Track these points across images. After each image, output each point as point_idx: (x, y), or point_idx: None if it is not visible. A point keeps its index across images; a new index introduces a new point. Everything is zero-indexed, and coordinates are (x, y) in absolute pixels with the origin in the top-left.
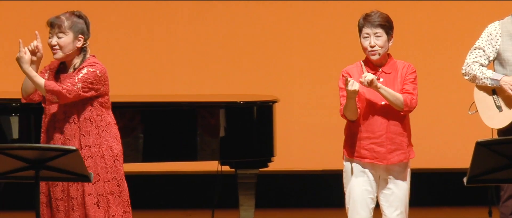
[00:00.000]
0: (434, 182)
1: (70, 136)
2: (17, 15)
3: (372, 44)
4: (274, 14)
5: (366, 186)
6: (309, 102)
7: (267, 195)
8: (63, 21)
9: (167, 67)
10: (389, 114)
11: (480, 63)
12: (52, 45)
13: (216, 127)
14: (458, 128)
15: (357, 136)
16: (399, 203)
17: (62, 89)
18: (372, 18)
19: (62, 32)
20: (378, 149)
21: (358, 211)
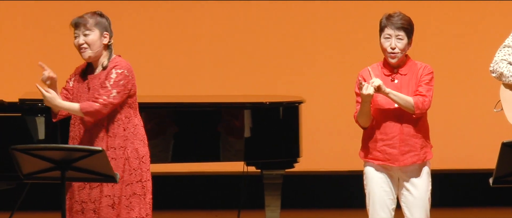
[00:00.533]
0: (459, 183)
1: (98, 137)
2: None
3: (393, 46)
4: (300, 15)
5: (384, 187)
6: (335, 102)
7: (293, 196)
8: (88, 19)
9: (191, 67)
10: (402, 116)
11: (508, 61)
12: (80, 44)
13: (242, 127)
14: (483, 129)
15: (372, 138)
16: (419, 205)
17: (98, 106)
18: (395, 19)
19: (89, 30)
20: (390, 151)
21: (378, 212)
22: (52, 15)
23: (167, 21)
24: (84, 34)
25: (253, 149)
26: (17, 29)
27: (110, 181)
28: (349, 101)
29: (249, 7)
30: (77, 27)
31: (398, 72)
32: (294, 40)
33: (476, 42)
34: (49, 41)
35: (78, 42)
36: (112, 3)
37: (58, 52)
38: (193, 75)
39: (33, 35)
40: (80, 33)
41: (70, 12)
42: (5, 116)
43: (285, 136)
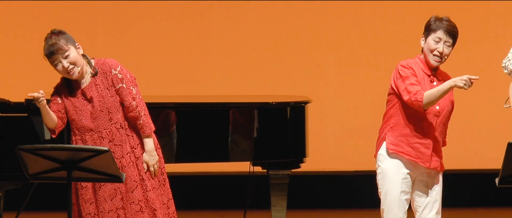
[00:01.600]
0: (467, 183)
1: (121, 141)
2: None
3: (441, 50)
4: (308, 16)
5: (404, 187)
6: (341, 103)
7: (299, 196)
8: (59, 43)
9: (200, 68)
10: (439, 121)
11: None
12: (65, 68)
13: (249, 127)
14: (490, 130)
15: (406, 134)
16: (434, 205)
17: (142, 116)
18: (448, 24)
19: (66, 51)
20: (424, 150)
21: (396, 212)
22: (58, 18)
23: (176, 24)
24: (64, 57)
25: (260, 149)
26: (23, 31)
27: (116, 181)
28: (355, 101)
29: (258, 10)
30: (54, 54)
31: (435, 75)
32: (301, 41)
33: (482, 41)
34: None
35: (63, 67)
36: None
37: None
38: (201, 75)
39: (39, 37)
40: (60, 58)
41: (77, 14)
42: (12, 116)
43: (292, 136)
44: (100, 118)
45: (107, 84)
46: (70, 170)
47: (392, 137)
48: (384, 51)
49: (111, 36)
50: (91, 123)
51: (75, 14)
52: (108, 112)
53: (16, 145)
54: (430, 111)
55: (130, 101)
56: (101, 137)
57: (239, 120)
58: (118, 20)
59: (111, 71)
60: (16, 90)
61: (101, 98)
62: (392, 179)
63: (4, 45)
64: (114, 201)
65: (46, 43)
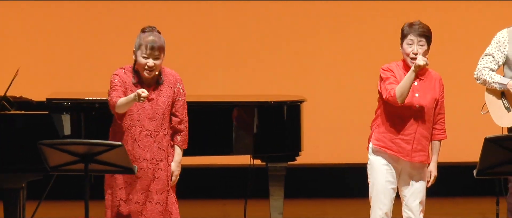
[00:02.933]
0: (448, 174)
1: (164, 146)
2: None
3: (415, 51)
4: (303, 21)
5: (388, 177)
6: (334, 101)
7: (295, 187)
8: (163, 46)
9: (203, 69)
10: (420, 118)
11: (490, 68)
12: (149, 66)
13: (250, 124)
14: (469, 126)
15: (389, 130)
16: (418, 195)
17: (184, 127)
18: (417, 27)
19: (160, 54)
20: (404, 146)
21: (381, 200)
22: (79, 20)
23: (184, 31)
24: (155, 58)
25: (259, 143)
26: (45, 33)
27: (128, 173)
28: (347, 100)
29: (258, 18)
30: (153, 49)
31: (417, 76)
32: (297, 46)
33: (463, 44)
34: (76, 45)
35: (147, 64)
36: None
37: (83, 54)
38: (205, 76)
39: (60, 39)
40: (153, 55)
41: (92, 16)
42: (34, 114)
43: (288, 132)
44: (156, 120)
45: (170, 93)
46: (87, 163)
47: (377, 134)
48: (372, 54)
49: (119, 38)
50: (148, 122)
51: (89, 14)
52: (163, 117)
53: (38, 140)
54: (410, 108)
55: (183, 114)
56: (149, 136)
57: (240, 117)
58: (125, 21)
59: (176, 84)
60: (38, 89)
61: (161, 103)
62: (378, 170)
63: (27, 47)
64: (143, 195)
65: (150, 34)
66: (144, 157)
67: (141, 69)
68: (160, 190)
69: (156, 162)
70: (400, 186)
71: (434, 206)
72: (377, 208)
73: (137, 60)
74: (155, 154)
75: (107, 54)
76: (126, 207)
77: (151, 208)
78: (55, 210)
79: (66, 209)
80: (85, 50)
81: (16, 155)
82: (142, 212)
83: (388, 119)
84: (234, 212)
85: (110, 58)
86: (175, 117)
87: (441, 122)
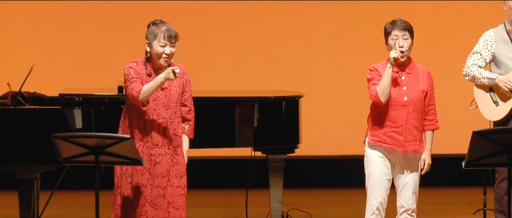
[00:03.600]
0: (437, 166)
1: (179, 133)
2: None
3: (401, 44)
4: (302, 20)
5: (383, 169)
6: (330, 96)
7: (294, 177)
8: (177, 36)
9: (206, 66)
10: (409, 109)
11: (478, 65)
12: (167, 53)
13: (251, 118)
14: (458, 120)
15: (381, 125)
16: (411, 185)
17: (193, 121)
18: (399, 22)
19: (175, 42)
20: (398, 137)
21: (376, 190)
22: (89, 19)
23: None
24: (172, 45)
25: (260, 136)
26: (59, 31)
27: (137, 164)
28: (343, 95)
29: (258, 19)
30: (171, 37)
31: (404, 70)
32: (295, 44)
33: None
34: (87, 43)
35: (165, 51)
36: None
37: (94, 52)
38: (208, 73)
39: (73, 36)
40: (170, 43)
41: (101, 16)
42: (47, 109)
43: (287, 126)
44: (170, 108)
45: (180, 83)
46: (97, 155)
47: (372, 129)
48: (367, 51)
49: (127, 35)
50: (163, 111)
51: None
52: (176, 105)
53: (51, 133)
54: (398, 102)
55: (191, 104)
56: (165, 124)
57: (242, 112)
58: (133, 19)
59: (184, 76)
60: (51, 85)
61: (174, 92)
62: (374, 162)
63: (40, 45)
64: (164, 179)
65: (163, 24)
66: (162, 143)
67: (158, 58)
68: (179, 175)
69: (173, 148)
70: (394, 177)
71: (426, 196)
72: (373, 198)
73: (153, 50)
74: (172, 140)
75: (116, 51)
76: (148, 191)
77: (172, 192)
78: (67, 199)
79: (77, 198)
80: (96, 48)
81: (30, 148)
82: (164, 196)
83: (380, 113)
84: (236, 201)
85: (120, 55)
86: (184, 106)
87: (432, 113)
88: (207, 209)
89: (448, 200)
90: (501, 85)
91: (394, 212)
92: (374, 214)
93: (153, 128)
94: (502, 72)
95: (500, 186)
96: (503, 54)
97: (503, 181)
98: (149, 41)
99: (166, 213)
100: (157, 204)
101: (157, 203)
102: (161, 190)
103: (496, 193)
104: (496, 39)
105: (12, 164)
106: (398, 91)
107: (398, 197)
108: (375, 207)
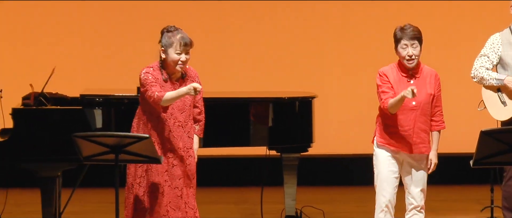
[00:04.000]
0: (446, 164)
1: (192, 135)
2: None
3: (410, 53)
4: (313, 24)
5: (391, 167)
6: (342, 97)
7: (307, 175)
8: (192, 41)
9: (222, 68)
10: (417, 113)
11: (485, 67)
12: (182, 60)
13: (265, 118)
14: (466, 120)
15: (389, 128)
16: (419, 182)
17: (203, 121)
18: (409, 31)
19: (189, 49)
20: (405, 141)
21: (385, 188)
22: (108, 22)
23: (205, 32)
24: (187, 52)
25: (274, 135)
26: (78, 32)
27: (155, 162)
28: (354, 96)
29: (272, 22)
30: (186, 45)
31: (413, 75)
32: (308, 45)
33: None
34: (106, 45)
35: (180, 59)
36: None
37: (113, 54)
38: (224, 75)
39: (93, 38)
40: (185, 50)
41: (120, 18)
42: (68, 109)
43: (301, 125)
44: (185, 112)
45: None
46: (117, 153)
47: (380, 130)
48: (379, 52)
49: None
50: (179, 114)
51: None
52: (189, 108)
53: (72, 133)
54: (407, 106)
55: (202, 106)
56: (181, 127)
57: (257, 112)
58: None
59: (196, 78)
60: (72, 86)
61: (188, 96)
62: (382, 161)
63: (62, 47)
64: (181, 181)
65: (181, 32)
66: (178, 146)
67: (173, 64)
68: (192, 175)
69: (186, 150)
70: (402, 175)
71: (434, 193)
72: (381, 195)
73: (169, 57)
74: (186, 142)
75: (135, 53)
76: (166, 192)
77: (187, 192)
78: (88, 196)
79: (98, 195)
80: (115, 49)
81: (52, 146)
82: (181, 197)
83: (388, 115)
84: (251, 198)
85: (138, 57)
86: (196, 108)
87: (438, 114)
88: (223, 205)
89: (456, 197)
90: (510, 85)
91: (403, 209)
92: (383, 211)
93: (171, 131)
94: (509, 74)
95: (508, 184)
96: (510, 56)
97: (510, 180)
98: (164, 48)
99: (184, 213)
100: (176, 205)
101: (176, 204)
102: (179, 191)
103: (504, 191)
104: (503, 42)
105: (35, 162)
106: (407, 98)
107: (407, 195)
108: (384, 205)
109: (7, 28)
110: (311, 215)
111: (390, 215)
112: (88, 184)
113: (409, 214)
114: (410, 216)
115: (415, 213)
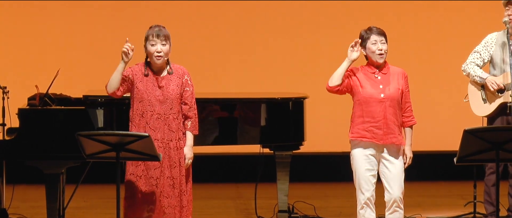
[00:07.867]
0: (431, 161)
1: (174, 128)
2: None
3: (380, 47)
4: (305, 23)
5: (367, 165)
6: (332, 98)
7: (299, 172)
8: (168, 34)
9: (216, 69)
10: (386, 105)
11: (476, 64)
12: (157, 51)
13: (259, 118)
14: (450, 119)
15: (361, 121)
16: (396, 179)
17: (194, 114)
18: (375, 29)
19: (165, 41)
20: (376, 131)
21: (363, 186)
22: (111, 25)
23: (200, 34)
24: (162, 44)
25: (268, 134)
26: (82, 33)
27: (154, 160)
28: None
29: (265, 20)
30: (158, 36)
31: (380, 71)
32: (299, 46)
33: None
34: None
35: (156, 49)
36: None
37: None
38: (219, 76)
39: (97, 40)
40: (159, 41)
41: (126, 19)
42: (72, 109)
43: (293, 124)
44: (166, 104)
45: (178, 83)
46: (118, 151)
47: (353, 126)
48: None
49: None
50: (159, 106)
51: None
52: (172, 102)
53: (76, 131)
54: (376, 99)
55: (192, 102)
56: (160, 119)
57: (251, 112)
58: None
59: (184, 76)
60: (76, 87)
61: (170, 90)
62: (358, 160)
63: (66, 50)
64: (156, 171)
65: (155, 27)
66: (155, 137)
67: (151, 56)
68: (171, 166)
69: (166, 142)
70: (380, 172)
71: (420, 189)
72: (361, 193)
73: (147, 51)
74: (166, 135)
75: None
76: (142, 182)
77: (163, 182)
78: (90, 192)
79: (100, 191)
80: (118, 52)
81: (57, 145)
82: (157, 186)
83: (360, 110)
84: (246, 193)
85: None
86: (185, 105)
87: (408, 110)
88: (219, 200)
89: (441, 193)
90: (489, 85)
91: (383, 205)
92: (363, 208)
93: (148, 123)
94: (497, 73)
95: (488, 179)
96: (500, 57)
97: (491, 174)
98: (144, 44)
99: (158, 201)
100: (151, 193)
101: (151, 193)
102: (154, 180)
103: (485, 186)
104: (497, 42)
105: (40, 159)
106: (375, 89)
107: (385, 191)
108: (363, 201)
109: (14, 31)
110: (303, 210)
111: (371, 209)
112: (91, 180)
113: (389, 211)
114: (390, 212)
115: (395, 209)
